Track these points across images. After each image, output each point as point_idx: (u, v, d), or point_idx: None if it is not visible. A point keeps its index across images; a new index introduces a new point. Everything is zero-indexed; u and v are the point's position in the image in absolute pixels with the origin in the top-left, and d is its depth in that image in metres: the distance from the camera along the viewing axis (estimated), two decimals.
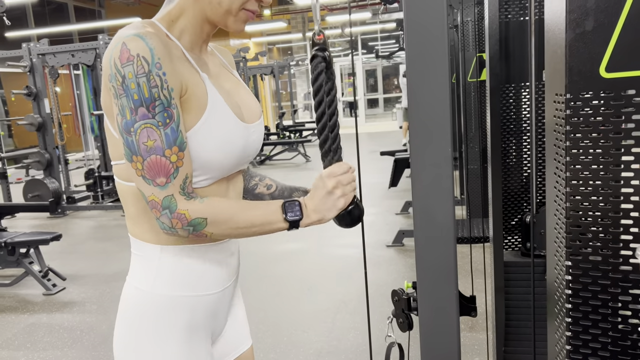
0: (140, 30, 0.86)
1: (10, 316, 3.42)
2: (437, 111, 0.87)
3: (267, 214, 0.93)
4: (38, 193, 6.18)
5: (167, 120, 0.85)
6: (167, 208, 0.87)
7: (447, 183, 0.88)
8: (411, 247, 4.19)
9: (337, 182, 0.94)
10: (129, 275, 1.03)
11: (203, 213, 0.88)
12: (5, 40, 10.81)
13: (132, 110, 0.84)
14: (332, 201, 0.95)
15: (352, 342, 2.73)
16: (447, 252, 0.91)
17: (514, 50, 1.82)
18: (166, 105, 0.85)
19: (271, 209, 0.93)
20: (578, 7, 0.74)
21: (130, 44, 0.84)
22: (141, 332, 0.98)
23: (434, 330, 0.96)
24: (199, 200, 0.89)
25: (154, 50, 0.85)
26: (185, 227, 0.88)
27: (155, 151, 0.85)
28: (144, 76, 0.83)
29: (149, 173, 0.86)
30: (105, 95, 0.91)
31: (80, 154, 11.14)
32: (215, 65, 1.04)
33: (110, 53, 0.86)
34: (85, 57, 6.21)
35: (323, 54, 0.95)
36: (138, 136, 0.85)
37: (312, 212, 0.95)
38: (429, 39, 0.86)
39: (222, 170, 0.97)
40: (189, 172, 0.89)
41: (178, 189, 0.88)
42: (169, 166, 0.86)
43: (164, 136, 0.85)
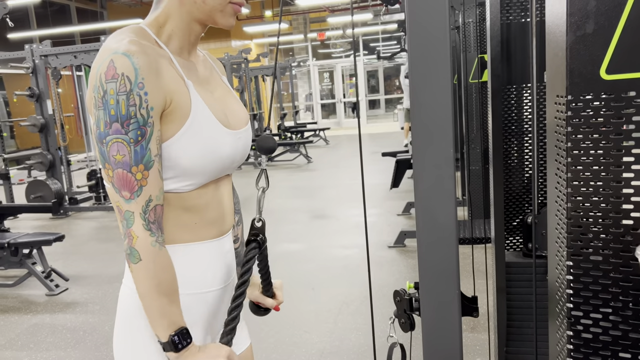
0: (129, 47, 0.88)
1: (13, 316, 3.43)
2: (439, 112, 0.87)
3: (170, 316, 0.93)
4: (40, 194, 6.20)
5: (139, 138, 0.88)
6: (126, 220, 0.90)
7: (449, 184, 0.89)
8: (413, 248, 4.20)
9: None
10: (124, 277, 1.04)
11: (144, 253, 0.90)
12: (8, 42, 10.84)
13: (107, 124, 0.87)
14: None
15: (354, 343, 2.74)
16: (450, 252, 0.92)
17: (515, 52, 1.82)
18: (141, 124, 0.88)
19: (174, 320, 0.93)
20: (579, 10, 0.75)
21: (117, 62, 0.87)
22: (139, 332, 0.99)
23: (437, 331, 0.97)
24: (153, 240, 0.91)
25: (138, 71, 0.87)
26: (127, 246, 0.91)
27: (123, 166, 0.89)
28: (124, 94, 0.87)
29: (117, 183, 0.90)
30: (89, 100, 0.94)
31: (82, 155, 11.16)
32: (205, 69, 1.06)
33: (98, 64, 0.89)
34: (87, 58, 6.22)
35: (257, 239, 1.07)
36: (109, 148, 0.88)
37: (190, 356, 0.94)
38: (431, 41, 0.86)
39: (206, 176, 0.99)
40: (153, 194, 0.91)
41: (140, 210, 0.90)
42: (133, 183, 0.89)
43: (132, 153, 0.88)
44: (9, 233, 4.23)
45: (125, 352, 1.02)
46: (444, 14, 0.85)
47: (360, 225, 4.99)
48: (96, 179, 6.67)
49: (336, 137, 12.95)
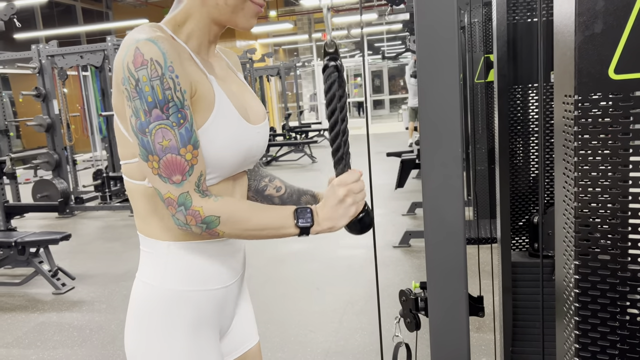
0: (151, 34, 0.88)
1: (20, 315, 3.46)
2: (447, 112, 0.88)
3: (279, 218, 0.95)
4: (47, 193, 6.23)
5: (181, 121, 0.88)
6: (183, 205, 0.90)
7: (457, 183, 0.89)
8: (418, 248, 4.20)
9: (348, 191, 0.97)
10: (138, 271, 1.05)
11: (217, 211, 0.91)
12: (14, 42, 10.90)
13: (146, 112, 0.87)
14: (343, 209, 0.97)
15: (360, 342, 2.74)
16: (457, 252, 0.92)
17: (521, 52, 1.82)
18: (179, 107, 0.88)
19: (283, 213, 0.95)
20: (587, 10, 0.75)
21: (144, 48, 0.86)
22: (151, 326, 1.00)
23: (444, 330, 0.97)
24: (213, 199, 0.92)
25: (166, 54, 0.87)
26: (199, 224, 0.91)
27: (171, 150, 0.88)
28: (158, 79, 0.86)
29: (165, 171, 0.88)
30: (116, 97, 0.94)
31: (88, 155, 11.21)
32: (221, 68, 1.06)
33: (122, 57, 0.88)
34: (93, 58, 6.25)
35: (335, 63, 0.97)
36: (153, 136, 0.87)
37: (323, 220, 0.97)
38: (439, 41, 0.87)
39: (228, 169, 1.00)
40: (203, 169, 0.92)
41: (193, 186, 0.90)
42: (184, 164, 0.89)
43: (178, 136, 0.88)
44: (16, 232, 4.26)
45: (140, 347, 1.02)
46: (452, 14, 0.86)
47: None
48: (102, 178, 6.70)
49: None
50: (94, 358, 2.79)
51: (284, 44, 18.48)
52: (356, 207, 0.98)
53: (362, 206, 0.99)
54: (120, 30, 11.76)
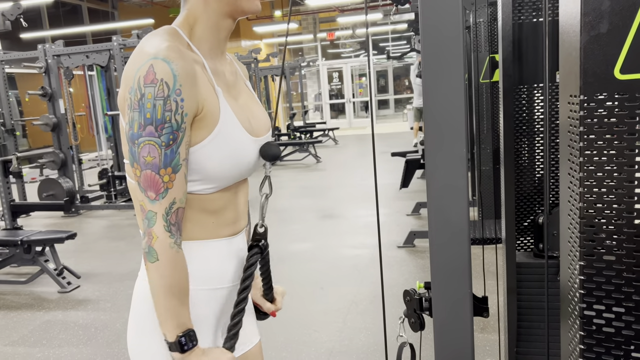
0: (168, 53, 0.90)
1: (26, 313, 3.47)
2: (452, 112, 0.88)
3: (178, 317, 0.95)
4: (52, 192, 6.26)
5: (170, 142, 0.90)
6: (148, 220, 0.92)
7: (462, 183, 0.89)
8: (422, 248, 4.19)
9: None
10: (140, 270, 1.06)
11: (162, 254, 0.92)
12: (21, 42, 10.96)
13: (141, 126, 0.89)
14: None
15: (364, 342, 2.74)
16: (462, 252, 0.92)
17: (527, 52, 1.82)
18: (174, 129, 0.90)
19: (182, 322, 0.95)
20: (593, 10, 0.75)
21: (157, 67, 0.88)
22: (153, 324, 1.01)
23: (448, 330, 0.97)
24: (171, 242, 0.93)
25: (177, 77, 0.89)
26: (146, 244, 0.93)
27: (152, 167, 0.90)
28: (162, 99, 0.88)
29: (143, 183, 0.91)
30: (122, 98, 0.95)
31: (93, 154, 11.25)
32: (231, 74, 1.07)
33: (137, 67, 0.90)
34: (99, 58, 6.28)
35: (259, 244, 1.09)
36: (140, 149, 0.90)
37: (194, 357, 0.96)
38: (444, 41, 0.87)
39: (226, 180, 1.02)
40: (177, 197, 0.93)
41: (163, 211, 0.92)
42: (160, 184, 0.91)
43: (162, 156, 0.90)
44: (22, 231, 4.28)
45: (141, 345, 1.03)
46: (457, 14, 0.86)
47: (368, 225, 5.00)
48: (107, 177, 6.73)
49: (345, 137, 12.95)
50: (99, 356, 2.80)
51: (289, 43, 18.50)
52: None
53: None
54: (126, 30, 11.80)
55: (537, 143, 1.84)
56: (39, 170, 9.52)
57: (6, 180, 4.52)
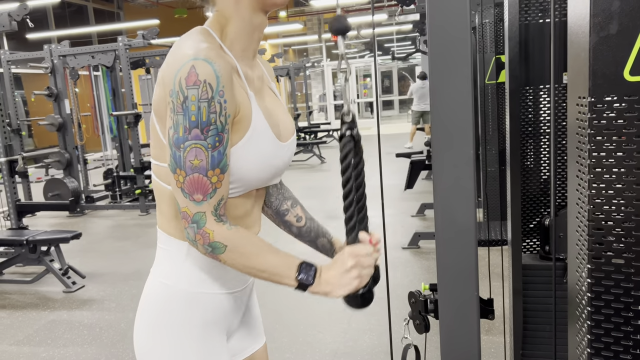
0: (208, 53, 0.88)
1: (31, 312, 3.49)
2: (459, 112, 0.87)
3: (282, 266, 0.95)
4: (58, 192, 6.28)
5: (217, 144, 0.89)
6: (196, 223, 0.90)
7: (469, 184, 0.88)
8: (427, 249, 4.18)
9: (356, 263, 0.96)
10: (153, 268, 1.06)
11: (226, 240, 0.91)
12: (27, 42, 11.01)
13: (186, 129, 0.87)
14: (347, 279, 0.96)
15: (368, 344, 2.73)
16: (468, 254, 0.92)
17: (533, 53, 1.81)
18: (219, 130, 0.89)
19: (288, 262, 0.95)
20: (602, 11, 0.75)
21: (199, 68, 0.86)
22: (162, 324, 1.01)
23: (455, 333, 0.97)
24: (227, 226, 0.92)
25: (220, 79, 0.87)
26: (205, 245, 0.91)
27: (199, 170, 0.88)
28: (206, 101, 0.86)
29: (189, 188, 0.89)
30: (159, 100, 0.94)
31: (98, 154, 11.29)
32: (259, 79, 1.06)
33: (176, 69, 0.87)
34: (105, 58, 6.30)
35: (352, 133, 0.97)
36: (186, 153, 0.88)
37: (324, 282, 0.96)
38: (451, 42, 0.86)
39: (254, 184, 1.01)
40: (224, 194, 0.92)
41: (212, 208, 0.91)
42: (208, 186, 0.90)
43: (210, 158, 0.89)
44: (27, 230, 4.30)
45: (149, 345, 1.03)
46: (465, 14, 0.85)
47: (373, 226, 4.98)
48: (112, 177, 6.75)
49: None
50: (104, 356, 2.80)
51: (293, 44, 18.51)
52: (360, 281, 0.97)
53: (365, 281, 0.98)
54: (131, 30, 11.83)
55: (544, 144, 1.83)
56: (44, 170, 9.56)
57: (12, 180, 4.54)
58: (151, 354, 1.02)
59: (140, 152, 6.46)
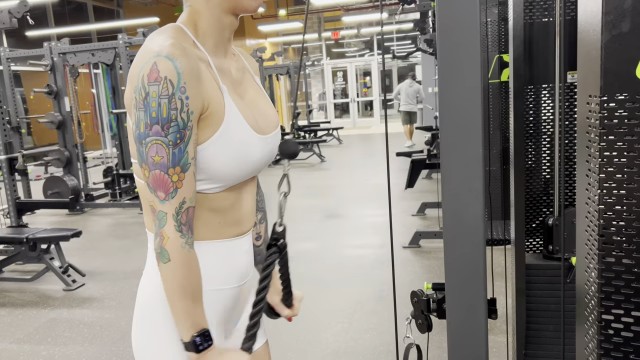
0: (171, 50, 0.89)
1: (31, 311, 3.48)
2: (468, 111, 0.86)
3: (192, 318, 0.94)
4: (57, 190, 6.27)
5: (178, 141, 0.89)
6: (159, 220, 0.91)
7: (478, 184, 0.88)
8: (428, 248, 4.18)
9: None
10: (145, 270, 1.06)
11: (172, 254, 0.91)
12: (26, 39, 10.98)
13: (147, 125, 0.88)
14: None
15: (369, 343, 2.73)
16: (477, 254, 0.91)
17: (537, 52, 1.80)
18: (181, 127, 0.89)
19: (199, 321, 0.95)
20: (614, 9, 0.74)
21: (160, 65, 0.87)
22: (158, 323, 1.01)
23: (462, 333, 0.96)
24: (182, 242, 0.92)
25: (181, 75, 0.88)
26: (158, 244, 0.92)
27: (160, 167, 0.89)
28: (166, 98, 0.87)
29: (152, 184, 0.91)
30: (128, 98, 0.95)
31: (98, 152, 11.27)
32: (238, 70, 1.06)
33: (140, 66, 0.89)
34: (105, 56, 6.28)
35: (277, 243, 1.06)
36: (148, 149, 0.89)
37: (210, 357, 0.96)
38: (461, 40, 0.86)
39: (233, 179, 1.00)
40: (187, 196, 0.92)
41: (173, 211, 0.91)
42: (169, 184, 0.90)
43: (170, 155, 0.89)
44: (27, 228, 4.29)
45: (146, 344, 1.03)
46: (475, 13, 0.85)
47: (373, 225, 4.98)
48: (112, 175, 6.73)
49: (349, 136, 12.93)
50: (104, 355, 2.80)
51: (293, 42, 18.48)
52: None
53: None
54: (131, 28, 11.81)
55: (547, 144, 1.83)
56: (43, 167, 9.54)
57: (12, 178, 4.53)
58: (148, 354, 1.02)
59: None
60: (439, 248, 4.16)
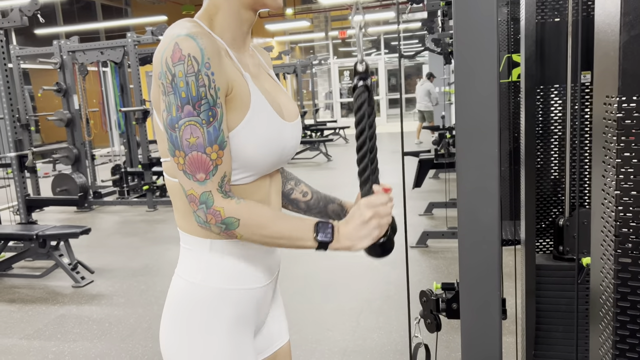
0: (191, 30, 0.88)
1: (41, 307, 3.50)
2: (484, 111, 0.87)
3: (298, 229, 0.94)
4: (66, 187, 6.31)
5: (211, 119, 0.88)
6: (204, 203, 0.90)
7: (494, 185, 0.88)
8: (435, 248, 4.17)
9: (374, 213, 0.95)
10: (177, 268, 1.05)
11: (237, 213, 0.90)
12: (35, 37, 11.04)
13: (179, 108, 0.87)
14: (366, 231, 0.95)
15: (377, 342, 2.73)
16: (492, 254, 0.91)
17: (549, 52, 1.80)
18: (211, 104, 0.88)
19: (304, 225, 0.94)
20: (634, 9, 0.74)
21: (183, 44, 0.86)
22: (191, 323, 1.00)
23: (475, 332, 0.96)
24: (235, 200, 0.91)
25: (204, 50, 0.87)
26: (218, 224, 0.90)
27: (197, 148, 0.88)
28: (193, 75, 0.86)
29: (190, 168, 0.89)
30: (155, 91, 0.94)
31: (105, 150, 11.32)
32: (254, 66, 1.06)
33: (162, 51, 0.88)
34: (113, 54, 6.31)
35: (365, 83, 0.96)
36: (182, 132, 0.87)
37: (343, 238, 0.95)
38: (477, 39, 0.86)
39: (263, 168, 0.99)
40: (227, 170, 0.92)
41: (216, 186, 0.90)
42: (208, 163, 0.89)
43: (206, 134, 0.88)
44: (37, 225, 4.32)
45: (179, 344, 1.01)
46: (492, 12, 0.85)
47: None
48: (120, 173, 6.76)
49: None
50: (113, 351, 2.81)
51: (300, 41, 18.49)
52: (379, 230, 0.96)
53: (385, 230, 0.97)
54: (139, 26, 11.85)
55: (558, 144, 1.82)
56: (51, 165, 9.59)
57: (22, 175, 4.56)
58: (179, 354, 1.01)
59: (148, 148, 6.47)
60: (446, 248, 4.16)
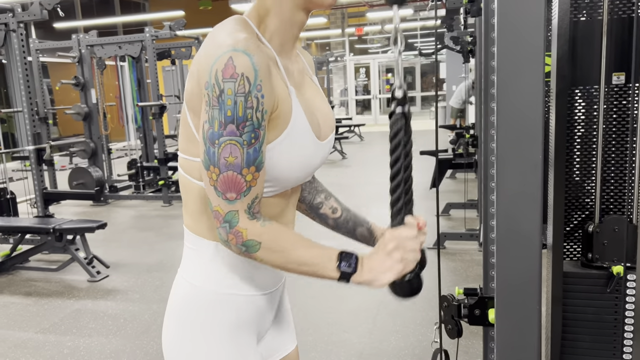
0: (247, 44, 0.84)
1: (56, 301, 3.52)
2: (529, 116, 0.82)
3: (321, 257, 0.90)
4: (82, 181, 6.35)
5: (253, 141, 0.85)
6: (228, 222, 0.87)
7: (537, 192, 0.83)
8: (453, 250, 4.11)
9: (398, 245, 0.90)
10: (181, 268, 1.03)
11: (260, 237, 0.87)
12: (54, 31, 11.14)
13: (222, 125, 0.83)
14: (389, 264, 0.90)
15: (394, 345, 2.69)
16: (532, 263, 0.87)
17: (582, 52, 1.74)
18: (255, 127, 0.84)
19: (326, 254, 0.90)
20: None
21: (237, 60, 0.82)
22: (193, 326, 0.98)
23: (513, 344, 0.92)
24: (260, 223, 0.88)
25: (258, 72, 0.83)
26: (239, 245, 0.88)
27: (234, 168, 0.85)
28: (243, 96, 0.82)
29: (222, 186, 0.86)
30: (193, 92, 0.90)
31: (121, 144, 11.40)
32: (299, 72, 1.02)
33: (213, 61, 0.83)
34: (131, 49, 6.33)
35: (402, 110, 0.91)
36: (221, 149, 0.84)
37: (366, 270, 0.91)
38: (523, 38, 0.81)
39: (289, 183, 0.98)
40: (259, 192, 0.89)
41: (245, 206, 0.87)
42: (242, 184, 0.86)
43: (245, 155, 0.85)
44: (53, 219, 4.34)
45: (179, 346, 1.00)
46: (540, 10, 0.80)
47: None
48: (136, 168, 6.79)
49: (370, 133, 12.85)
50: (128, 347, 2.81)
51: (316, 38, 18.44)
52: (404, 265, 0.90)
53: (411, 267, 0.91)
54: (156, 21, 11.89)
55: (589, 147, 1.76)
56: (68, 158, 9.68)
57: (39, 168, 4.58)
58: (179, 355, 1.00)
59: (164, 143, 6.49)
60: (464, 250, 4.10)
